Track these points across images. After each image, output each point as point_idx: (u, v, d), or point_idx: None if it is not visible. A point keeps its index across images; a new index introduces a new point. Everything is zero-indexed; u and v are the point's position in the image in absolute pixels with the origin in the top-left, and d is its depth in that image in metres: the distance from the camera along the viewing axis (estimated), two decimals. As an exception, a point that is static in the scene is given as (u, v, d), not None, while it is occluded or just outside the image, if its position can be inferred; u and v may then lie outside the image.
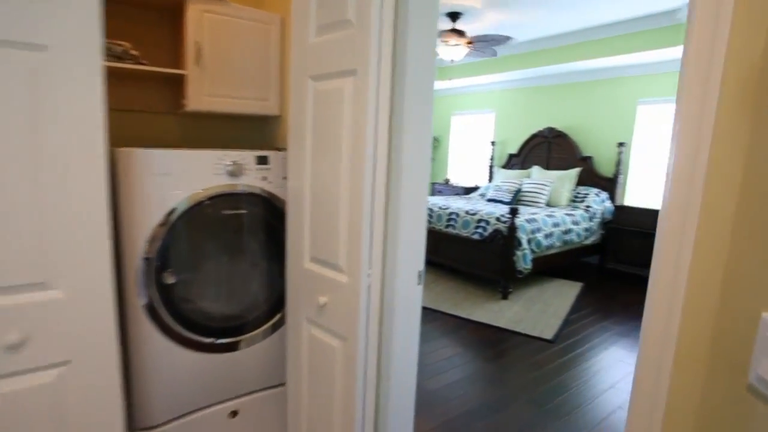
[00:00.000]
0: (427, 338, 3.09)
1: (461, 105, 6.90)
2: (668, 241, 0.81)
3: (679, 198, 0.79)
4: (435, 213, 4.62)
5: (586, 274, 4.78)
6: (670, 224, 0.80)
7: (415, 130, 1.34)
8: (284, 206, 1.56)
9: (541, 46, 5.00)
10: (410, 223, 1.41)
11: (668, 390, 0.84)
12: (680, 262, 0.81)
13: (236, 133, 2.03)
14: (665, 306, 0.83)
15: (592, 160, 5.15)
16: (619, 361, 2.88)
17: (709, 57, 0.77)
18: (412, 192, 1.35)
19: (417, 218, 1.43)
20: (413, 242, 1.43)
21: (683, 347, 0.81)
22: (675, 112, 0.92)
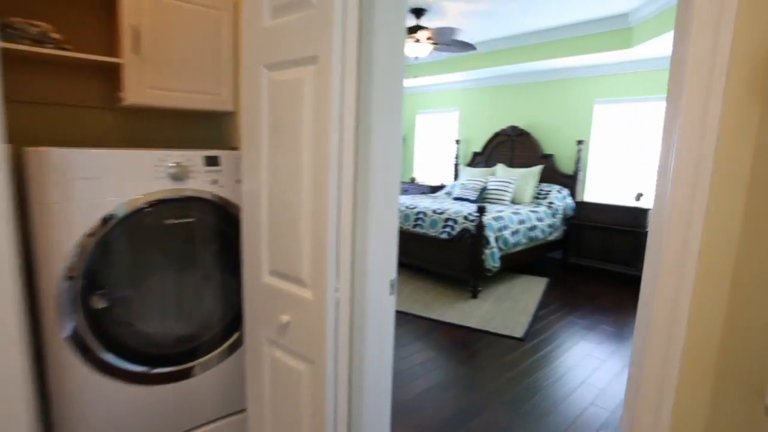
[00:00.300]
0: (400, 343, 2.99)
1: (426, 104, 6.86)
2: (670, 248, 0.74)
3: (682, 199, 0.72)
4: (402, 213, 4.54)
5: (551, 269, 4.86)
6: (671, 228, 0.73)
7: (385, 125, 1.22)
8: (239, 213, 1.40)
9: (503, 46, 5.03)
10: (381, 229, 1.29)
11: (671, 420, 0.76)
12: (685, 270, 0.74)
13: (187, 132, 1.83)
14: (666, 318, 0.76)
15: (553, 157, 5.24)
16: (587, 355, 2.90)
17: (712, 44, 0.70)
18: (382, 194, 1.23)
19: (388, 223, 1.31)
20: (384, 249, 1.31)
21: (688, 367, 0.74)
22: (671, 108, 0.85)
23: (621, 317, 3.56)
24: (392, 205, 1.29)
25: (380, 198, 1.25)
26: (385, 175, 1.25)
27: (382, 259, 1.32)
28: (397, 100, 1.25)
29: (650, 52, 4.16)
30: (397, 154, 1.29)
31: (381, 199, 1.25)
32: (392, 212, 1.30)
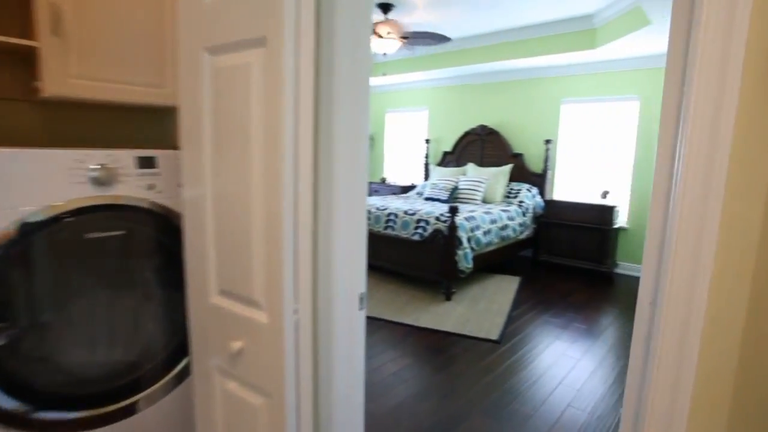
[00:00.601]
0: (372, 353, 2.85)
1: (395, 102, 6.76)
2: (679, 261, 0.65)
3: (694, 200, 0.62)
4: (373, 214, 4.40)
5: (522, 268, 4.86)
6: (682, 231, 0.63)
7: (350, 121, 1.08)
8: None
9: (471, 45, 4.99)
10: (347, 238, 1.14)
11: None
12: (698, 279, 0.65)
13: (127, 131, 1.61)
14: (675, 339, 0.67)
15: (522, 156, 5.26)
16: (562, 355, 2.87)
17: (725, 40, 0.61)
18: (348, 199, 1.08)
19: (355, 231, 1.17)
20: (352, 260, 1.16)
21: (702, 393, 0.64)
22: (669, 108, 0.75)
23: (591, 314, 3.57)
24: (359, 210, 1.15)
25: (346, 203, 1.10)
26: (350, 178, 1.11)
27: (350, 271, 1.17)
28: (364, 93, 1.11)
29: (614, 53, 4.22)
30: (363, 153, 1.15)
31: (347, 205, 1.11)
32: (359, 218, 1.16)
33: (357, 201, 1.14)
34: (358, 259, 1.20)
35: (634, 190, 4.57)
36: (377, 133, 7.04)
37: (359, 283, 1.22)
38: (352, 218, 1.14)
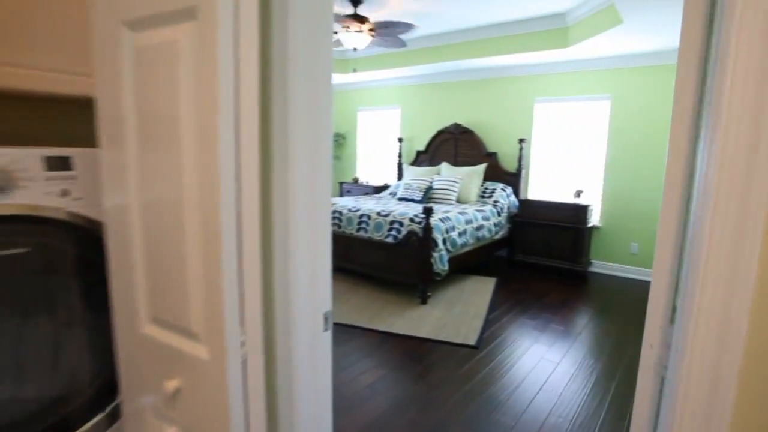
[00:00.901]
0: (345, 363, 2.69)
1: (367, 100, 6.60)
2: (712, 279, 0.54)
3: (730, 204, 0.51)
4: (344, 216, 4.23)
5: (498, 268, 4.82)
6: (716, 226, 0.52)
7: (309, 114, 0.92)
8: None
9: (443, 42, 4.90)
10: (309, 250, 0.98)
11: None
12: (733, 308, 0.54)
13: (45, 127, 1.38)
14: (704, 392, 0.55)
15: (496, 155, 5.22)
16: (541, 359, 2.80)
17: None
18: (309, 205, 0.93)
19: (318, 242, 1.01)
20: (315, 275, 1.01)
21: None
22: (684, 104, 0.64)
23: (568, 315, 3.53)
24: (322, 218, 1.00)
25: (306, 211, 0.95)
26: (311, 181, 0.95)
27: (312, 288, 1.02)
28: (326, 84, 0.96)
29: (586, 52, 4.22)
30: (326, 154, 0.99)
31: (307, 212, 0.95)
32: (323, 228, 1.00)
33: (319, 208, 0.99)
34: (322, 274, 1.04)
35: (606, 188, 4.60)
36: (349, 132, 6.87)
37: (324, 300, 1.07)
38: (314, 228, 0.99)
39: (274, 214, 0.94)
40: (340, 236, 4.20)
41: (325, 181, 1.00)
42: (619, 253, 4.55)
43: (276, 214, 0.93)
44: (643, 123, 4.33)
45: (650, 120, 4.29)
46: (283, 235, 0.94)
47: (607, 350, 2.91)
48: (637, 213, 4.42)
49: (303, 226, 0.96)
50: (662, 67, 4.18)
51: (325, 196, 0.99)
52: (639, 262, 4.46)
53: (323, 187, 1.00)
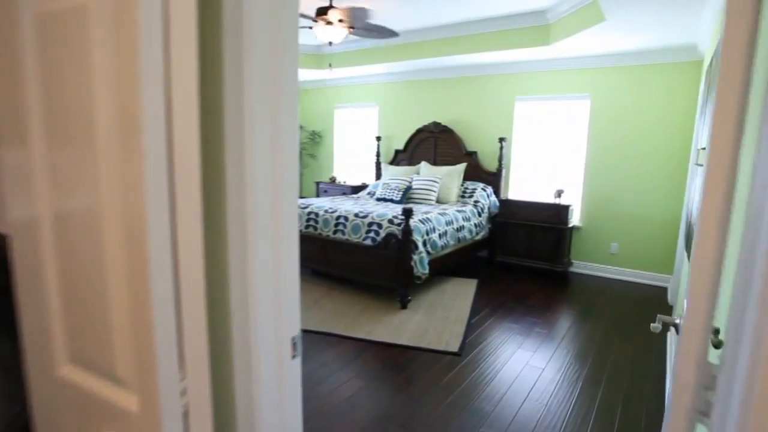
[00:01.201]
0: (321, 375, 2.51)
1: (344, 98, 6.42)
2: None
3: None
4: (321, 217, 4.05)
5: (479, 270, 4.73)
6: None
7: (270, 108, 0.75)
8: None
9: (422, 38, 4.77)
10: (272, 266, 0.82)
11: None
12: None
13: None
14: None
15: (476, 155, 5.13)
16: (526, 365, 2.70)
17: None
18: (269, 217, 0.76)
19: (284, 256, 0.84)
20: (280, 295, 0.84)
21: None
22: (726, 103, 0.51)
23: (551, 318, 3.47)
24: (288, 224, 0.83)
25: (268, 216, 0.78)
26: (273, 187, 0.78)
27: (278, 309, 0.85)
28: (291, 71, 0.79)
29: (566, 51, 4.18)
30: (291, 145, 0.83)
31: (270, 218, 0.78)
32: (289, 236, 0.83)
33: (284, 218, 0.82)
34: (289, 291, 0.87)
35: (586, 188, 4.58)
36: (326, 130, 6.67)
37: (291, 322, 0.90)
38: (279, 237, 0.82)
39: (227, 222, 0.76)
40: (316, 238, 4.01)
41: (291, 179, 0.84)
42: (599, 253, 4.55)
43: (230, 222, 0.76)
44: (622, 123, 4.33)
45: (629, 120, 4.29)
46: (240, 249, 0.77)
47: (591, 354, 2.84)
48: (617, 213, 4.42)
49: (264, 236, 0.79)
50: (642, 67, 4.18)
51: (291, 197, 0.83)
52: (619, 262, 4.46)
53: (289, 186, 0.83)
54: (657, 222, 4.22)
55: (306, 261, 4.13)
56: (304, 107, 6.90)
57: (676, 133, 4.09)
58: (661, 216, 4.19)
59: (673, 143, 4.11)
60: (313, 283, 4.09)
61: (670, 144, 4.12)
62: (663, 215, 4.19)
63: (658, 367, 2.70)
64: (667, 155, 4.14)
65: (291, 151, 0.83)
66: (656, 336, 3.14)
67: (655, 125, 4.17)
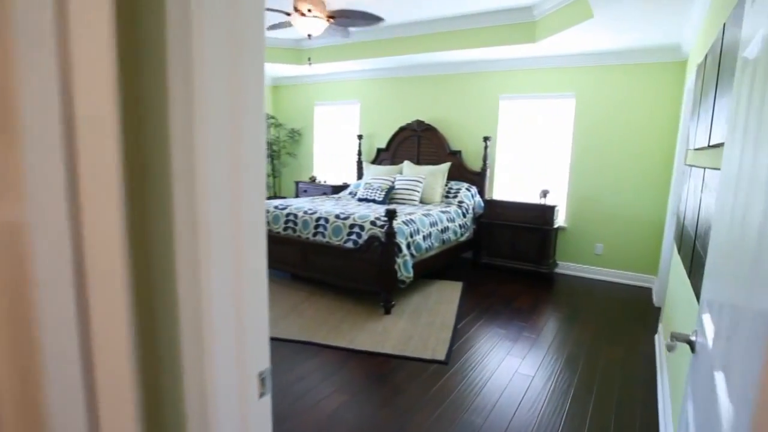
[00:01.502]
0: (301, 389, 2.33)
1: (325, 94, 6.22)
2: None
3: None
4: (300, 219, 3.86)
5: (463, 272, 4.63)
6: None
7: (223, 84, 0.59)
8: None
9: (405, 33, 4.63)
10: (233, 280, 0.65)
11: None
12: None
13: None
14: None
15: (460, 154, 5.03)
16: (516, 372, 2.59)
17: None
18: (229, 231, 0.60)
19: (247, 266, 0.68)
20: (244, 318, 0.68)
21: None
22: None
23: (538, 322, 3.38)
24: (254, 241, 0.67)
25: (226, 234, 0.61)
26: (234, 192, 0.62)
27: (241, 341, 0.68)
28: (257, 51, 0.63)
29: (552, 49, 4.11)
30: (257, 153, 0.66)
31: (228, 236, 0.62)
32: (254, 254, 0.67)
33: (248, 225, 0.66)
34: (255, 318, 0.71)
35: (571, 189, 4.53)
36: (306, 128, 6.45)
37: (259, 354, 0.74)
38: (240, 254, 0.65)
39: (174, 236, 0.59)
40: (295, 241, 3.81)
41: (256, 181, 0.67)
42: (584, 253, 4.51)
43: (178, 237, 0.59)
44: (606, 123, 4.29)
45: (614, 120, 4.26)
46: (190, 270, 0.60)
47: (581, 360, 2.76)
48: (601, 213, 4.38)
49: (222, 253, 0.63)
50: (626, 67, 4.15)
51: (256, 203, 0.66)
52: (603, 263, 4.43)
53: (253, 188, 0.67)
54: (641, 222, 4.21)
55: (285, 265, 3.94)
56: (282, 104, 6.67)
57: (660, 133, 4.08)
58: (646, 216, 4.18)
59: (657, 143, 4.10)
60: (292, 288, 3.89)
61: (654, 144, 4.11)
62: (647, 216, 4.17)
63: (647, 371, 2.63)
64: (651, 155, 4.13)
65: (256, 149, 0.67)
66: (644, 339, 3.09)
67: (639, 125, 4.16)
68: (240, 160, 0.64)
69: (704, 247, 1.53)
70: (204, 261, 0.62)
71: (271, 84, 6.65)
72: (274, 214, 4.06)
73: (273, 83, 6.65)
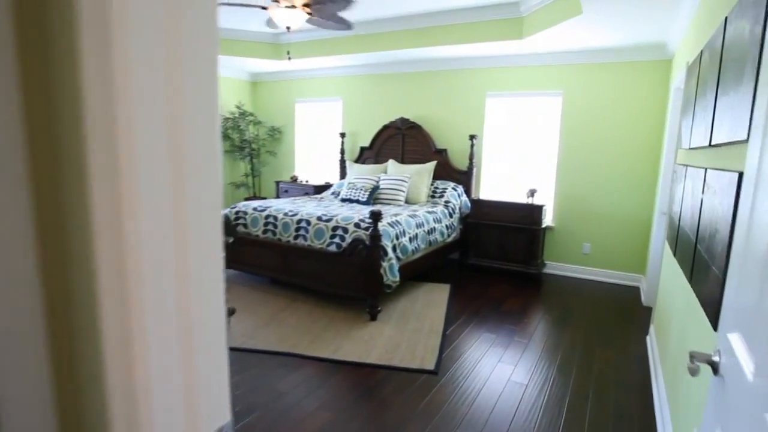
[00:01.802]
0: (282, 408, 2.17)
1: (306, 91, 6.02)
2: None
3: None
4: (280, 221, 3.67)
5: (451, 273, 4.51)
6: None
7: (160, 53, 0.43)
8: None
9: (388, 28, 4.48)
10: (177, 319, 0.49)
11: None
12: None
13: None
14: None
15: (446, 152, 4.92)
16: (508, 381, 2.48)
17: None
18: (169, 236, 0.44)
19: (201, 297, 0.52)
20: (198, 364, 0.52)
21: None
22: None
23: (529, 325, 3.29)
24: (205, 264, 0.51)
25: (165, 252, 0.45)
26: (175, 200, 0.46)
27: (191, 390, 0.53)
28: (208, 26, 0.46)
29: (539, 46, 4.03)
30: (211, 149, 0.51)
31: (167, 256, 0.46)
32: (207, 279, 0.52)
33: (195, 243, 0.50)
34: (210, 359, 0.55)
35: (558, 188, 4.47)
36: (286, 126, 6.24)
37: (216, 407, 0.58)
38: (185, 280, 0.50)
39: (94, 254, 0.43)
40: (275, 244, 3.63)
41: (208, 187, 0.52)
42: (571, 253, 4.45)
43: (100, 256, 0.43)
44: (594, 121, 4.24)
45: (601, 118, 4.21)
46: (115, 303, 0.44)
47: (574, 365, 2.67)
48: (589, 213, 4.34)
49: (161, 282, 0.47)
50: (613, 65, 4.10)
51: (209, 210, 0.51)
52: (591, 262, 4.38)
53: (204, 191, 0.51)
54: (629, 222, 4.17)
55: (264, 269, 3.75)
56: (262, 101, 6.43)
57: (646, 132, 4.05)
58: (633, 215, 4.15)
59: (643, 142, 4.06)
60: (271, 294, 3.70)
61: (640, 143, 4.07)
62: (635, 215, 4.14)
63: (642, 375, 2.56)
64: (637, 154, 4.10)
65: (207, 136, 0.51)
66: (636, 340, 3.03)
67: (625, 124, 4.12)
68: (183, 141, 0.48)
69: (709, 251, 1.44)
70: (134, 291, 0.46)
71: (249, 80, 6.40)
72: (253, 216, 3.86)
73: (252, 79, 6.41)
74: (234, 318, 3.22)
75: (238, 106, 5.98)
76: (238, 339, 2.88)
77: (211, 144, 0.49)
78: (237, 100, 6.14)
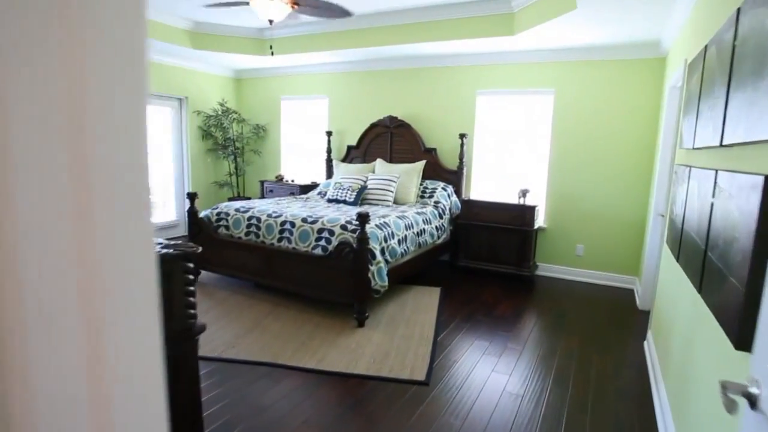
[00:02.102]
0: (264, 423, 2.00)
1: (291, 88, 5.83)
2: None
3: None
4: (264, 223, 3.50)
5: (441, 276, 4.39)
6: None
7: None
8: None
9: (376, 23, 4.32)
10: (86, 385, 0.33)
11: None
12: None
13: None
14: None
15: (436, 152, 4.79)
16: (503, 391, 2.36)
17: None
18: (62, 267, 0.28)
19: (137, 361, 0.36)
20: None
21: None
22: None
23: (522, 330, 3.18)
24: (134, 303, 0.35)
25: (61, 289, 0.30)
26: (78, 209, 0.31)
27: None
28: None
29: (531, 42, 3.92)
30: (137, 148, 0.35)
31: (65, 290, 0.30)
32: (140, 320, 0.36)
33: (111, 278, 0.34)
34: (144, 390, 0.40)
35: (550, 188, 4.38)
36: (271, 124, 6.04)
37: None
38: (98, 328, 0.34)
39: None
40: (258, 247, 3.46)
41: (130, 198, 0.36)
42: (564, 255, 4.37)
43: None
44: (586, 120, 4.16)
45: (594, 117, 4.13)
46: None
47: (571, 372, 2.57)
48: (582, 213, 4.25)
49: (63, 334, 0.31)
50: (606, 62, 4.02)
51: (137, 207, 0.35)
52: (585, 264, 4.30)
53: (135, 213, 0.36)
54: (622, 223, 4.10)
55: (246, 273, 3.57)
56: (246, 98, 6.22)
57: (640, 131, 3.98)
58: (627, 216, 4.08)
59: (637, 141, 4.00)
60: (254, 299, 3.53)
61: (634, 142, 4.01)
62: (629, 215, 4.07)
63: (641, 383, 2.47)
64: (631, 154, 4.03)
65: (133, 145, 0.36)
66: (633, 345, 2.94)
67: (618, 123, 4.04)
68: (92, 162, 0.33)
69: (725, 260, 1.32)
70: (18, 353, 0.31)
71: (233, 76, 6.19)
72: (235, 217, 3.68)
73: (235, 75, 6.19)
74: (214, 325, 3.04)
75: (221, 103, 5.77)
76: (219, 348, 2.70)
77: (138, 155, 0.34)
78: (220, 97, 5.93)
